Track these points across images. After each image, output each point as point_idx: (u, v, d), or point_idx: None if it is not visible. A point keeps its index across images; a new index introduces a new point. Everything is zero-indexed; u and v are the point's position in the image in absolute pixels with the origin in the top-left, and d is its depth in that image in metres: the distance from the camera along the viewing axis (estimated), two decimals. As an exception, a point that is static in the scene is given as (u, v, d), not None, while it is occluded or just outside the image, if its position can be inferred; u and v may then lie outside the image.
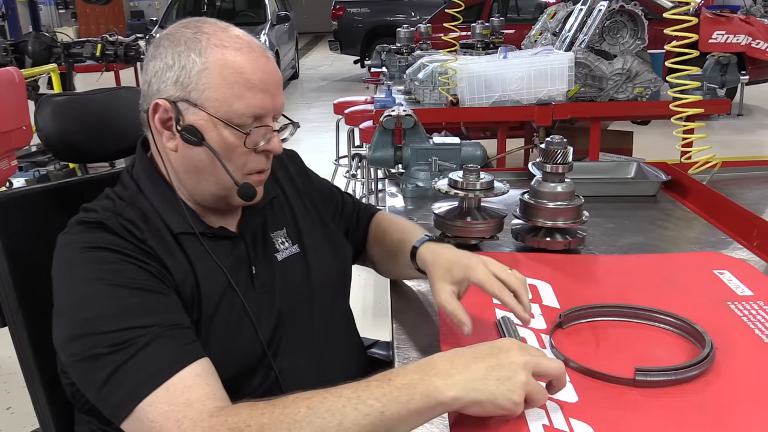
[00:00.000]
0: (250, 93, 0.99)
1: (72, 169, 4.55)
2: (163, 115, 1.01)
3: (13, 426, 2.49)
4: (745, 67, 6.60)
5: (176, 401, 0.83)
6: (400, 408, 0.79)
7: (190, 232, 1.03)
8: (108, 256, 0.94)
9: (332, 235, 1.23)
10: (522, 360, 0.83)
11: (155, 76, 1.01)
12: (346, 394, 0.80)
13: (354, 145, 4.51)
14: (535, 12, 8.44)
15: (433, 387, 0.80)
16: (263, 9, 10.42)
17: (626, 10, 3.10)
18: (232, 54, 0.99)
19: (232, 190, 1.03)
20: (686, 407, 0.87)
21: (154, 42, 1.05)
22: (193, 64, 0.99)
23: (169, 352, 0.87)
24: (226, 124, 0.99)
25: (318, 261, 1.16)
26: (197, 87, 0.99)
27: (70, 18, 17.45)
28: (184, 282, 0.99)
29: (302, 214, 1.20)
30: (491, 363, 0.82)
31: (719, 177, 1.85)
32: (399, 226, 1.29)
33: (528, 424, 0.84)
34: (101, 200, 1.05)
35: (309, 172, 1.30)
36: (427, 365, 0.84)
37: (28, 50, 5.07)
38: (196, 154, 1.01)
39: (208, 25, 1.02)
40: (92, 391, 0.89)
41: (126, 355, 0.86)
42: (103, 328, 0.88)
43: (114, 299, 0.90)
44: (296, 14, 12.64)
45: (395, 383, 0.81)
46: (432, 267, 1.10)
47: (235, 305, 1.03)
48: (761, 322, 1.08)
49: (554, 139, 1.36)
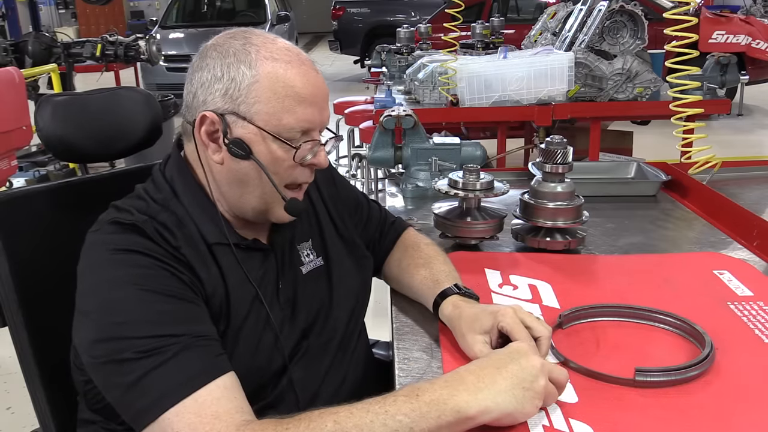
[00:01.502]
0: (300, 107, 0.98)
1: (72, 169, 4.55)
2: (210, 128, 0.99)
3: (13, 426, 2.49)
4: (745, 67, 6.60)
5: (204, 413, 0.82)
6: (430, 423, 0.80)
7: (225, 243, 1.01)
8: (141, 260, 0.92)
9: (356, 247, 1.21)
10: (539, 364, 0.86)
11: (202, 87, 0.99)
12: (373, 409, 0.80)
13: (354, 145, 4.52)
14: (535, 12, 8.44)
15: (463, 402, 0.81)
16: (263, 9, 10.42)
17: (626, 10, 3.10)
18: (283, 67, 0.98)
19: (274, 205, 1.02)
20: (686, 407, 0.87)
21: (200, 52, 1.02)
22: (243, 76, 0.97)
23: (199, 363, 0.86)
24: (275, 137, 0.98)
25: (340, 274, 1.15)
26: (247, 100, 0.97)
27: (70, 18, 17.44)
28: (215, 293, 0.98)
29: (327, 225, 1.18)
30: (514, 371, 0.85)
31: (719, 177, 1.85)
32: (424, 257, 1.23)
33: (528, 424, 0.84)
34: (134, 200, 1.03)
35: (336, 179, 1.28)
36: (455, 380, 0.84)
37: (28, 50, 5.07)
38: (243, 168, 0.99)
39: (256, 37, 1.01)
40: (115, 394, 0.88)
41: (155, 362, 0.85)
42: (133, 334, 0.86)
43: (146, 305, 0.89)
44: (296, 14, 12.65)
45: (423, 399, 0.81)
46: (457, 322, 1.04)
47: (261, 319, 1.02)
48: (761, 322, 1.08)
49: (554, 139, 1.36)
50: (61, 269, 1.18)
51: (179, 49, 8.69)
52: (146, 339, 0.86)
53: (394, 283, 1.29)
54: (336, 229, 1.19)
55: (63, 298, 1.16)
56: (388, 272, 1.30)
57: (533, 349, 0.90)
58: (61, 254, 1.18)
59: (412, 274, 1.21)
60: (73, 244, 1.00)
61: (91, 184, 1.31)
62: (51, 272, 1.18)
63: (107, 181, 1.34)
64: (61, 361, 1.10)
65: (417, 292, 1.19)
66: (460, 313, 1.05)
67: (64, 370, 1.09)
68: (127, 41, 5.54)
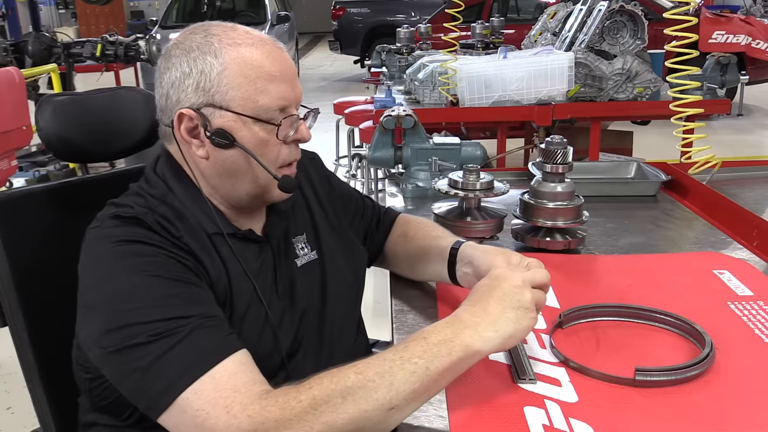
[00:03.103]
0: (272, 85, 0.99)
1: (72, 169, 4.55)
2: (189, 124, 1.00)
3: (13, 426, 2.49)
4: (745, 67, 6.59)
5: (223, 387, 0.83)
6: (443, 362, 0.84)
7: (220, 233, 1.02)
8: (145, 249, 0.93)
9: (349, 241, 1.23)
10: (520, 280, 0.93)
11: (172, 86, 1.00)
12: (389, 357, 0.84)
13: (354, 145, 4.52)
14: (535, 12, 8.44)
15: (468, 338, 0.87)
16: (263, 9, 10.43)
17: (626, 10, 3.10)
18: (248, 50, 0.99)
19: (270, 186, 1.04)
20: (686, 407, 0.87)
21: (163, 54, 1.03)
22: (211, 67, 0.98)
23: (212, 342, 0.87)
24: (255, 120, 0.99)
25: (334, 268, 1.16)
26: (220, 89, 0.98)
27: (70, 18, 17.43)
28: (219, 281, 0.99)
29: (321, 219, 1.19)
30: (499, 296, 0.91)
31: (719, 177, 1.85)
32: (429, 225, 1.30)
33: (528, 424, 0.84)
34: (131, 196, 1.04)
35: (330, 175, 1.29)
36: (454, 320, 0.90)
37: (28, 50, 5.06)
38: (229, 157, 1.01)
39: (215, 27, 1.02)
40: (130, 382, 0.87)
41: (168, 344, 0.85)
42: (144, 319, 0.87)
43: (154, 290, 0.90)
44: (296, 14, 12.64)
45: (431, 340, 0.86)
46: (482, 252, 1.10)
47: (260, 314, 1.02)
48: (761, 322, 1.09)
49: (554, 139, 1.36)
50: (62, 269, 1.18)
51: (179, 49, 8.68)
52: (157, 323, 0.86)
53: (398, 258, 1.31)
54: (329, 223, 1.21)
55: (63, 297, 1.17)
56: (392, 248, 1.32)
57: (511, 266, 0.98)
58: (61, 254, 1.18)
59: (423, 237, 1.26)
60: (73, 244, 1.00)
61: (91, 184, 1.31)
62: (51, 272, 1.18)
63: (107, 181, 1.34)
64: (62, 361, 1.10)
65: (429, 246, 1.22)
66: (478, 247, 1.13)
67: (65, 370, 1.09)
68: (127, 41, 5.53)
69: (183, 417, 0.83)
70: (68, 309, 0.96)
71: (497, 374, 0.94)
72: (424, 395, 0.84)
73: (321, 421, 0.79)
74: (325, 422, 0.79)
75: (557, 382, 0.93)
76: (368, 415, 0.81)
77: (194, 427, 0.82)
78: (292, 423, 0.79)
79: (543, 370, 0.96)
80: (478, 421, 0.85)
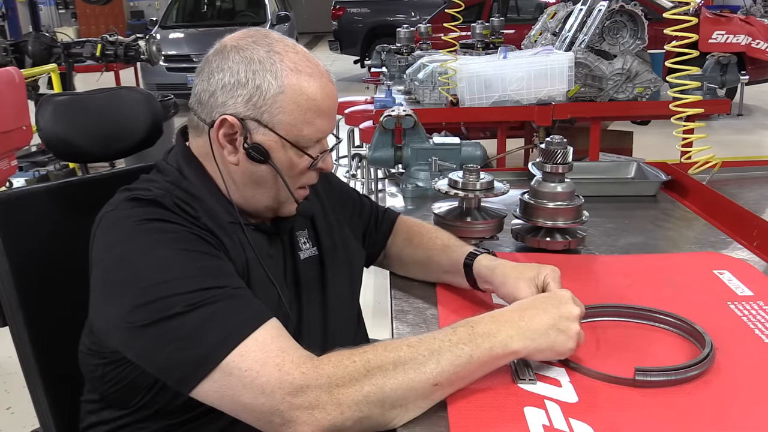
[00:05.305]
0: (319, 119, 1.03)
1: (72, 169, 4.55)
2: (229, 131, 1.02)
3: (13, 426, 2.49)
4: (745, 67, 6.59)
5: (269, 348, 0.85)
6: (484, 354, 0.88)
7: (235, 222, 1.04)
8: (168, 226, 0.95)
9: (346, 240, 1.25)
10: (578, 312, 0.95)
11: (223, 89, 1.01)
12: (438, 337, 0.88)
13: (354, 145, 4.52)
14: (535, 12, 8.43)
15: (508, 337, 0.90)
16: (263, 9, 10.41)
17: (626, 10, 3.10)
18: (307, 80, 1.02)
19: (286, 204, 1.08)
20: (686, 407, 0.87)
21: (219, 51, 1.04)
22: (269, 86, 1.00)
23: (249, 308, 0.89)
24: (292, 145, 1.03)
25: (333, 265, 1.18)
26: (270, 110, 1.00)
27: (70, 18, 17.43)
28: (237, 260, 1.01)
29: (320, 218, 1.21)
30: (553, 314, 0.93)
31: (719, 177, 1.85)
32: (433, 231, 1.32)
33: (528, 424, 0.84)
34: (145, 182, 1.05)
35: (329, 175, 1.30)
36: (500, 316, 0.93)
37: (28, 50, 5.06)
38: (259, 171, 1.04)
39: (278, 44, 1.03)
40: (163, 355, 0.87)
41: (206, 311, 0.86)
42: (179, 290, 0.87)
43: (185, 262, 0.91)
44: (296, 14, 12.63)
45: (478, 331, 0.89)
46: (501, 269, 1.12)
47: (274, 296, 1.04)
48: (761, 322, 1.08)
49: (554, 139, 1.36)
50: (62, 269, 1.19)
51: (179, 49, 8.69)
52: (192, 293, 0.87)
53: (403, 263, 1.32)
54: (327, 221, 1.22)
55: (63, 297, 1.17)
56: (394, 253, 1.33)
57: (574, 298, 0.97)
58: (62, 254, 1.19)
59: (429, 247, 1.27)
60: (73, 244, 1.00)
61: (91, 184, 1.31)
62: (51, 272, 1.18)
63: (107, 181, 1.34)
64: (62, 361, 1.11)
65: (439, 257, 1.24)
66: (499, 263, 1.13)
67: (65, 370, 1.09)
68: (127, 41, 5.53)
69: (228, 380, 0.84)
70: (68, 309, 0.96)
71: (497, 374, 0.94)
72: (463, 380, 0.88)
73: (372, 382, 0.83)
74: (376, 384, 0.83)
75: (557, 382, 0.93)
76: (414, 385, 0.84)
77: (242, 387, 0.84)
78: (344, 380, 0.83)
79: (543, 371, 0.96)
80: (478, 421, 0.85)
